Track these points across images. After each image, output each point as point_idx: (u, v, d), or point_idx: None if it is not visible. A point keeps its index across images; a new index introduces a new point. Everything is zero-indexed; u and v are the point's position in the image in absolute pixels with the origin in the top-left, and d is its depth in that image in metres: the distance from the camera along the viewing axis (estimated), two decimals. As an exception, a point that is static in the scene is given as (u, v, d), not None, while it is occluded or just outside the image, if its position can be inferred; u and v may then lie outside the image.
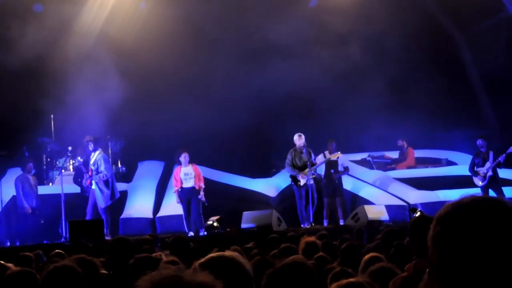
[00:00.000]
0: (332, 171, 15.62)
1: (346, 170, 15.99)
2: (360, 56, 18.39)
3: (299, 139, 15.09)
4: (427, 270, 1.67)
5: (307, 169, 14.91)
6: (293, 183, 15.27)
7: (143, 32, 17.72)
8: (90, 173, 14.74)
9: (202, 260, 3.29)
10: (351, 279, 3.36)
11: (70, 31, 17.75)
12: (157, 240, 9.83)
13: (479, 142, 15.81)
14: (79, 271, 4.42)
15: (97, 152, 14.83)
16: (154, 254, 6.58)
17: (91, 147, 14.84)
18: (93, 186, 14.66)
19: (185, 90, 18.01)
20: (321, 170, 15.96)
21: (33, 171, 15.61)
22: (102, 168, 14.68)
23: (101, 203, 14.57)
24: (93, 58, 17.57)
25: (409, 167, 18.23)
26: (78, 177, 15.78)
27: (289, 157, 15.22)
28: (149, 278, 1.73)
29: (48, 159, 17.31)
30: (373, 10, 18.25)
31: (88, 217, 14.49)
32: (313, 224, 14.56)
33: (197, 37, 18.20)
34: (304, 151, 15.03)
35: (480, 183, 15.62)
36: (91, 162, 14.75)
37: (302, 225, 14.81)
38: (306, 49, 18.50)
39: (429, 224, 1.69)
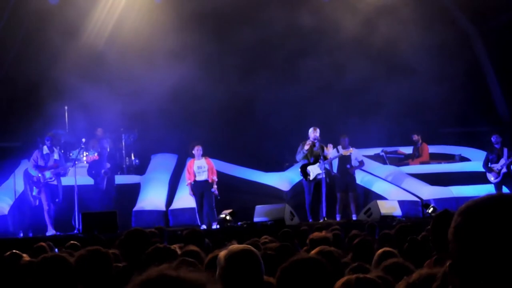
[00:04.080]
0: (348, 166, 15.58)
1: (361, 164, 15.95)
2: (372, 50, 18.35)
3: (313, 132, 14.98)
4: (448, 263, 1.68)
5: (317, 164, 14.82)
6: (303, 177, 15.13)
7: (158, 25, 17.73)
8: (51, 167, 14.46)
9: (227, 252, 3.30)
10: (363, 274, 3.35)
11: (85, 23, 17.81)
12: (164, 232, 9.78)
13: (494, 138, 15.72)
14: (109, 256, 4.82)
15: (56, 151, 14.65)
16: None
17: (48, 143, 14.55)
18: (54, 181, 14.41)
19: (198, 83, 18.00)
20: (335, 164, 15.94)
21: None
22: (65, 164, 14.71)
23: (60, 197, 14.50)
24: (107, 51, 17.63)
25: (422, 163, 18.14)
26: (92, 169, 15.80)
27: (300, 147, 15.00)
28: (140, 278, 1.69)
29: (62, 151, 17.35)
30: (387, 4, 18.16)
31: (53, 213, 14.29)
32: (325, 219, 14.52)
33: (210, 29, 18.22)
34: (317, 144, 14.96)
35: (493, 179, 15.54)
36: (55, 157, 14.52)
37: (309, 220, 14.76)
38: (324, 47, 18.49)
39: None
